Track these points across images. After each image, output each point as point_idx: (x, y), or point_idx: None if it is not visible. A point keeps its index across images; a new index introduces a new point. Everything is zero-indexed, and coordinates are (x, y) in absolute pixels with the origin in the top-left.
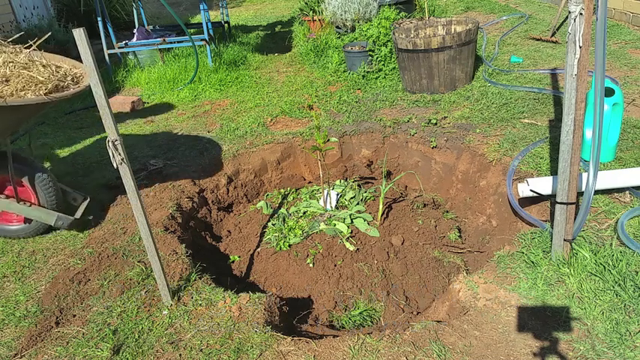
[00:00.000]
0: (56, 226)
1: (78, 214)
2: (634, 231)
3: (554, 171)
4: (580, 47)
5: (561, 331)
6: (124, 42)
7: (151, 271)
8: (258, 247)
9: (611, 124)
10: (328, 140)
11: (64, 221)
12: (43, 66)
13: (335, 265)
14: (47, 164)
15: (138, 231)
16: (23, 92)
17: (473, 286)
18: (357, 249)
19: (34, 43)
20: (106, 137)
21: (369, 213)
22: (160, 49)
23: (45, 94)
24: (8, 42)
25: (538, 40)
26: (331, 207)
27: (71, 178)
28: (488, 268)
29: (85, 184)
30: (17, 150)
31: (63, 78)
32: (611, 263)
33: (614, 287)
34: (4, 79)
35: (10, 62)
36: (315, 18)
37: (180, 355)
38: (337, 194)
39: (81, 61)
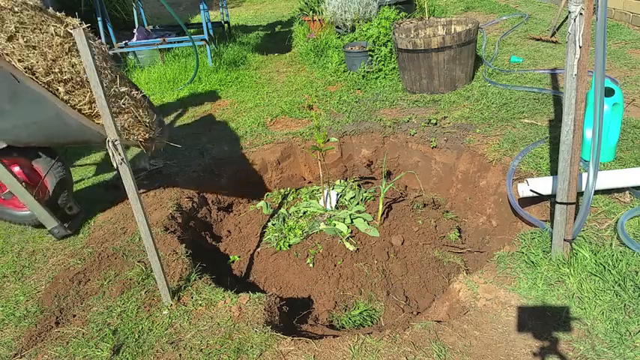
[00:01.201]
0: (50, 232)
1: (73, 228)
2: (634, 231)
3: (554, 171)
4: (580, 47)
5: (561, 331)
6: (124, 42)
7: (151, 271)
8: (258, 247)
9: (611, 124)
10: (328, 140)
11: (59, 230)
12: (145, 108)
13: (335, 265)
14: None
15: (138, 231)
16: (127, 131)
17: (473, 286)
18: (357, 249)
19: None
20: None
21: (369, 213)
22: (160, 49)
23: (140, 142)
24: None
25: (538, 40)
26: (331, 207)
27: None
28: (488, 268)
29: (84, 184)
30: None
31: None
32: (611, 263)
33: (614, 287)
34: (118, 110)
35: (127, 95)
36: (315, 18)
37: (180, 355)
38: (337, 194)
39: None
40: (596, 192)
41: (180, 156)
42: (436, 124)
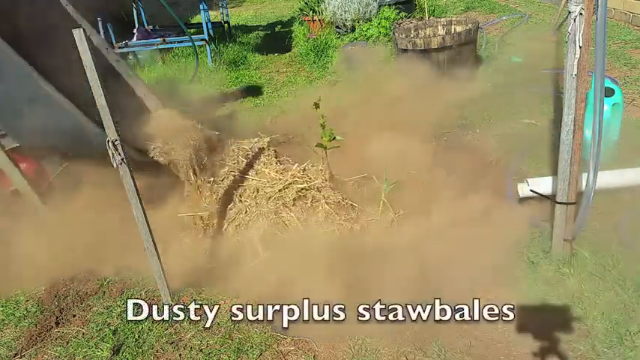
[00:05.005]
0: None
1: None
2: (634, 231)
3: (554, 171)
4: (580, 47)
5: (561, 331)
6: (124, 42)
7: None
8: None
9: (611, 124)
10: (334, 138)
11: None
12: None
13: None
14: None
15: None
16: None
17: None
18: None
19: None
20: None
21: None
22: (159, 49)
23: None
24: None
25: (538, 40)
26: None
27: None
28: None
29: None
30: None
31: None
32: (611, 263)
33: (614, 287)
34: None
35: None
36: (315, 18)
37: (180, 355)
38: None
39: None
40: (596, 192)
41: None
42: (436, 123)
